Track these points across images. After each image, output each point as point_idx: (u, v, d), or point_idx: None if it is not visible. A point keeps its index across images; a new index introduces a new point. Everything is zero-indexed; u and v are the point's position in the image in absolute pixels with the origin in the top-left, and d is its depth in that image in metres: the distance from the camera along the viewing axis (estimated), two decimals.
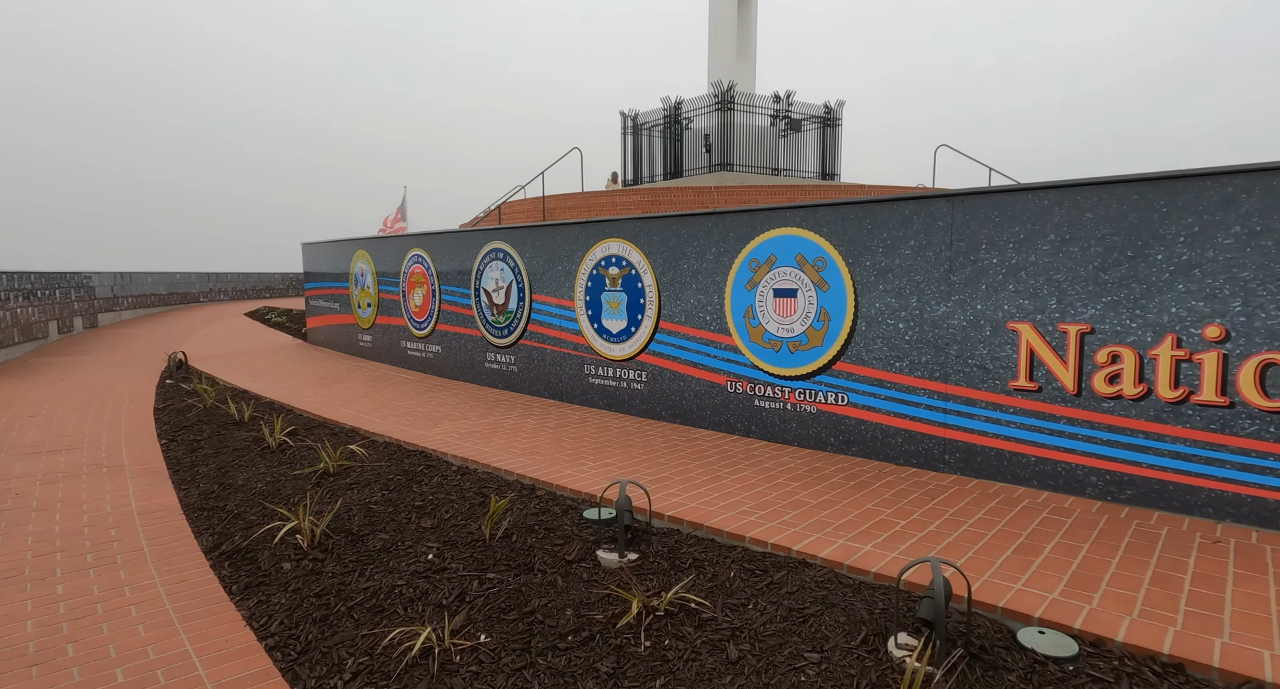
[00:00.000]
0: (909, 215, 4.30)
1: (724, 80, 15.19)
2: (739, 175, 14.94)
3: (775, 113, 15.62)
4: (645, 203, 13.49)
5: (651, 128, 16.59)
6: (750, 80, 16.92)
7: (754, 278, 5.12)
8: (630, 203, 13.74)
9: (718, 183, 14.20)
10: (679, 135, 16.02)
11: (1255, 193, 3.25)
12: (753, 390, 5.23)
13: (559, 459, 4.62)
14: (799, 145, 16.25)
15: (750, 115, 15.27)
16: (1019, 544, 3.11)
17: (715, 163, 15.15)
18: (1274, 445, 3.28)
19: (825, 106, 16.23)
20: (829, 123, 16.28)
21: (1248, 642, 2.28)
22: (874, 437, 4.59)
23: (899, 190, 13.55)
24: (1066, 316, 3.77)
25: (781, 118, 15.68)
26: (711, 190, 13.08)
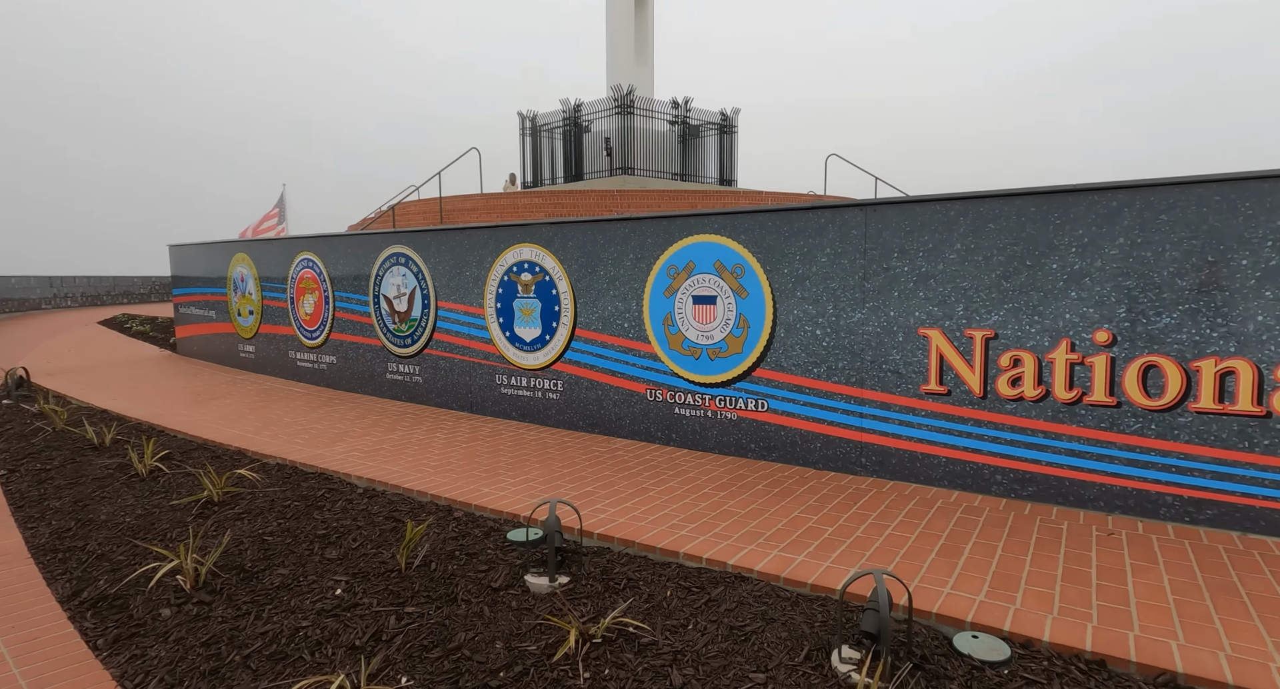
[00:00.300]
0: (825, 224, 4.38)
1: (623, 84, 15.23)
2: (640, 179, 15.01)
3: (674, 118, 15.83)
4: (547, 205, 13.30)
5: (552, 129, 16.41)
6: (649, 85, 17.07)
7: (673, 285, 5.08)
8: (532, 205, 13.50)
9: (619, 186, 14.20)
10: (579, 138, 15.92)
11: (1135, 207, 3.51)
12: (673, 398, 5.18)
13: (476, 476, 4.38)
14: (698, 151, 16.54)
15: (650, 120, 15.41)
16: (940, 546, 3.20)
17: (616, 166, 15.17)
18: (1155, 441, 3.55)
19: (722, 114, 16.62)
20: (725, 130, 16.66)
21: (1156, 634, 2.41)
22: (794, 442, 4.64)
23: (795, 197, 14.04)
24: (973, 322, 3.95)
25: (680, 123, 15.90)
26: (614, 194, 13.06)
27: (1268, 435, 3.33)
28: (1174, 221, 3.43)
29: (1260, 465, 3.35)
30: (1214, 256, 3.36)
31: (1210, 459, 3.45)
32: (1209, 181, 3.35)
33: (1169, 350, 3.48)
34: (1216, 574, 2.92)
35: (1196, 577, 2.89)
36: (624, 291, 5.36)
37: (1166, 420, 3.52)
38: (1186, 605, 2.62)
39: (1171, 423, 3.51)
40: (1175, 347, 3.47)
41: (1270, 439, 3.32)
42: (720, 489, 4.09)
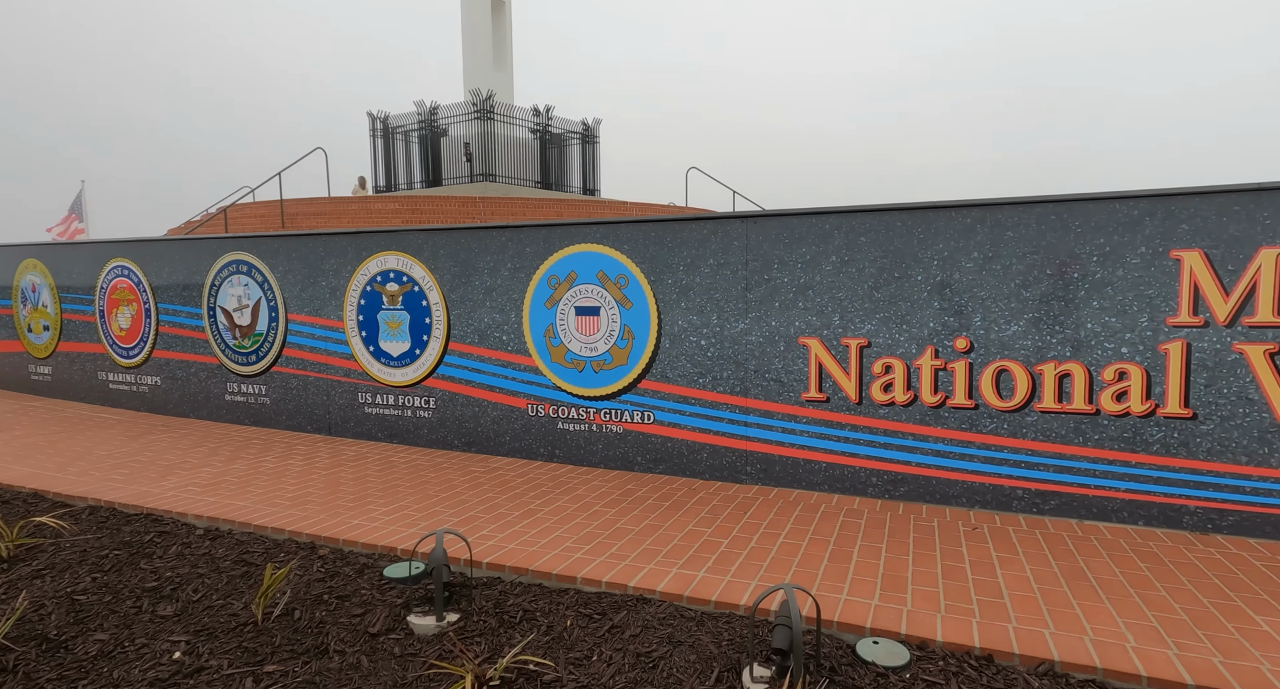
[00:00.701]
0: (707, 234, 4.41)
1: (482, 89, 14.84)
2: (503, 186, 14.68)
3: (536, 126, 15.64)
4: (404, 211, 12.64)
5: (407, 132, 15.65)
6: (509, 91, 16.78)
7: (554, 295, 4.91)
8: (387, 210, 12.77)
9: (481, 193, 13.80)
10: (436, 142, 15.30)
11: (987, 224, 3.82)
12: (556, 413, 5.00)
13: (342, 507, 3.96)
14: (560, 160, 16.44)
15: (511, 127, 15.13)
16: (831, 551, 3.28)
17: (477, 173, 14.74)
18: (1007, 439, 3.87)
19: (584, 124, 16.64)
20: (588, 139, 16.70)
21: (1030, 624, 2.58)
22: (680, 453, 4.63)
23: (658, 208, 14.31)
24: (848, 331, 4.12)
25: (542, 132, 15.74)
26: (476, 201, 12.67)
27: (1097, 430, 3.72)
28: (1018, 238, 3.76)
29: (1091, 458, 3.73)
30: (1051, 270, 3.72)
31: (1052, 454, 3.80)
32: (1046, 202, 3.70)
33: (1017, 356, 3.81)
34: (1066, 561, 3.19)
35: (1052, 564, 3.15)
36: (502, 302, 5.12)
37: (1016, 420, 3.85)
38: (1049, 593, 2.84)
39: (1020, 422, 3.84)
40: (1022, 352, 3.80)
41: (1099, 434, 3.71)
42: (611, 506, 3.97)
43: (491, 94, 14.77)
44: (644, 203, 14.59)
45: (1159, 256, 3.55)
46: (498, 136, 14.79)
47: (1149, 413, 3.62)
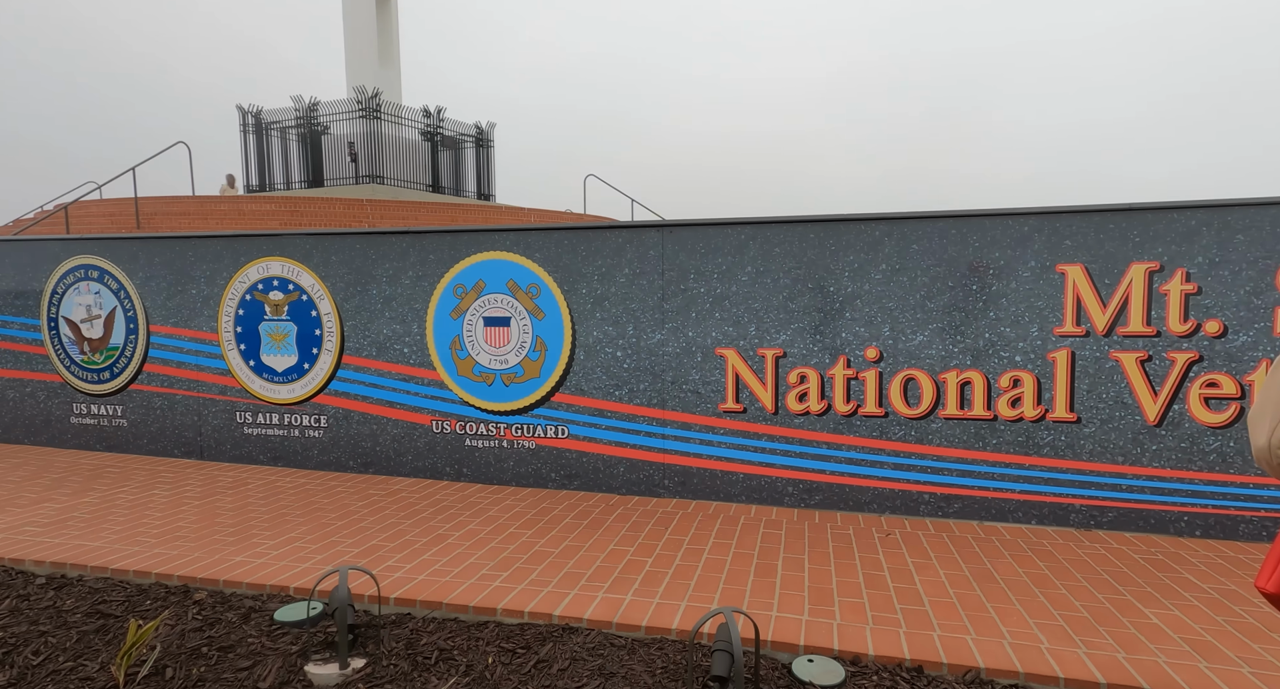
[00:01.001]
0: (623, 243, 4.32)
1: (368, 86, 14.14)
2: (393, 189, 14.04)
3: (427, 128, 15.07)
4: (283, 213, 11.81)
5: (284, 129, 14.65)
6: (396, 90, 16.09)
7: (461, 305, 4.65)
8: (263, 211, 11.89)
9: (369, 196, 13.12)
10: (316, 140, 14.42)
11: (894, 237, 3.94)
12: (463, 429, 4.73)
13: (221, 542, 3.54)
14: (453, 163, 15.90)
15: (399, 127, 14.50)
16: (756, 565, 3.24)
17: (364, 174, 14.01)
18: (915, 446, 4.00)
19: (477, 127, 16.20)
20: (481, 143, 16.27)
21: (952, 631, 2.63)
22: (596, 468, 4.48)
23: (555, 215, 14.12)
24: (764, 342, 4.13)
25: (433, 134, 15.18)
26: (363, 204, 12.02)
27: (995, 435, 3.91)
28: (923, 251, 3.91)
29: (990, 462, 3.92)
30: (953, 282, 3.89)
31: (955, 459, 3.97)
32: (948, 216, 3.87)
33: (923, 365, 3.95)
34: (975, 563, 3.31)
35: (962, 568, 3.25)
36: (403, 313, 4.80)
37: (922, 426, 3.98)
38: (965, 597, 2.92)
39: (926, 429, 3.98)
40: (928, 361, 3.94)
41: (997, 438, 3.91)
42: (527, 527, 3.77)
43: (378, 92, 14.08)
44: (542, 209, 14.35)
45: (1046, 270, 3.78)
46: (385, 137, 14.12)
47: (1040, 418, 3.85)
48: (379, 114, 13.90)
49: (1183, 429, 3.70)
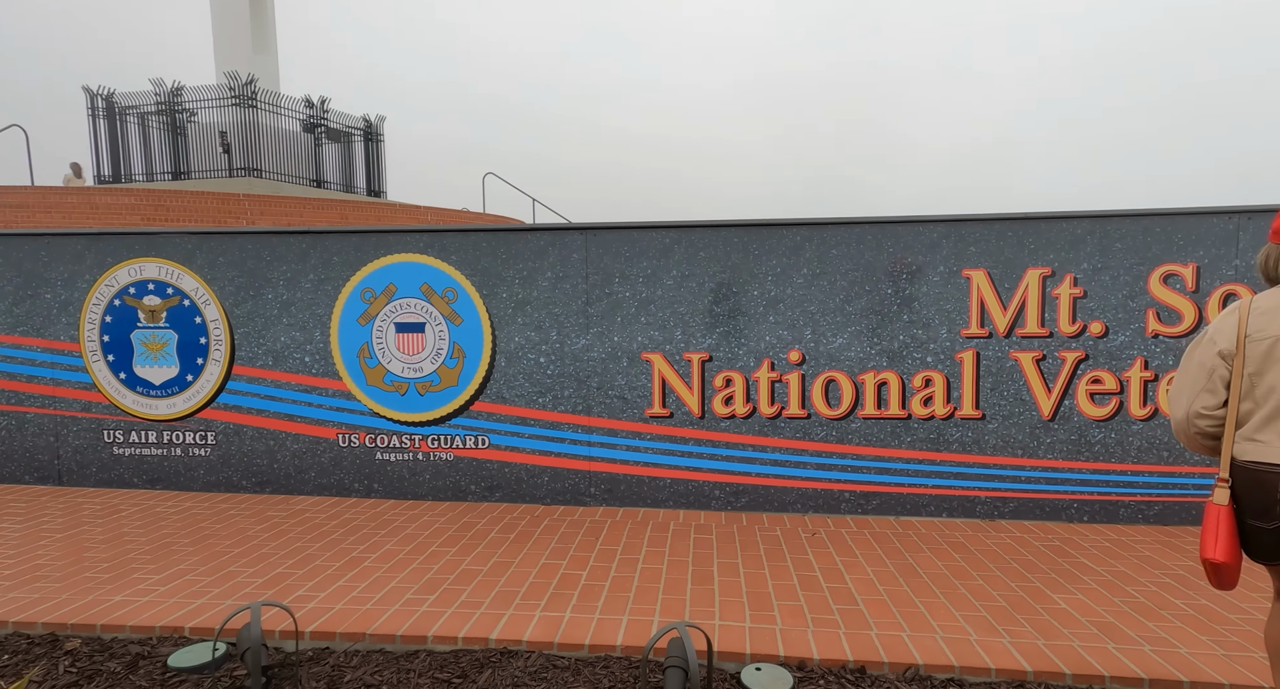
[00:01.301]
0: (545, 246, 4.19)
1: (241, 72, 13.16)
2: (272, 184, 13.14)
3: (309, 119, 14.18)
4: (145, 206, 10.82)
5: (143, 115, 13.39)
6: (274, 78, 15.04)
7: (370, 310, 4.36)
8: (121, 205, 10.83)
9: (246, 190, 12.22)
10: (182, 128, 13.28)
11: (814, 242, 4.04)
12: (374, 442, 4.44)
13: (92, 581, 3.12)
14: (339, 158, 15.05)
15: (278, 117, 13.59)
16: (693, 573, 3.21)
17: (239, 167, 13.03)
18: (835, 445, 4.11)
19: (365, 120, 15.43)
20: (370, 137, 15.51)
21: (888, 628, 2.70)
22: (519, 478, 4.33)
23: (454, 215, 13.69)
24: (690, 346, 4.12)
25: (317, 126, 14.31)
26: (239, 199, 11.19)
27: (909, 433, 4.08)
28: (842, 255, 4.02)
29: (905, 459, 4.09)
30: (870, 286, 4.03)
31: (873, 457, 4.11)
32: (865, 223, 4.00)
33: (843, 366, 4.06)
34: (898, 559, 3.43)
35: (887, 564, 3.36)
36: (303, 319, 4.45)
37: (843, 427, 4.10)
38: (895, 594, 3.01)
39: (846, 429, 4.10)
40: (847, 363, 4.06)
41: (911, 436, 4.08)
42: (450, 544, 3.57)
43: (254, 78, 13.10)
44: (440, 208, 13.83)
45: (954, 275, 3.98)
46: (263, 127, 13.16)
47: (949, 415, 4.04)
48: (254, 102, 12.94)
49: (1072, 423, 4.00)
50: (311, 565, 3.29)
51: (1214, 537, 1.86)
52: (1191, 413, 1.92)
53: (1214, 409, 1.88)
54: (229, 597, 2.93)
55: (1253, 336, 1.83)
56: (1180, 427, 1.97)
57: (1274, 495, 1.77)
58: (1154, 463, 3.98)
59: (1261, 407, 1.81)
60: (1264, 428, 1.80)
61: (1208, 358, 1.89)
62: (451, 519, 4.00)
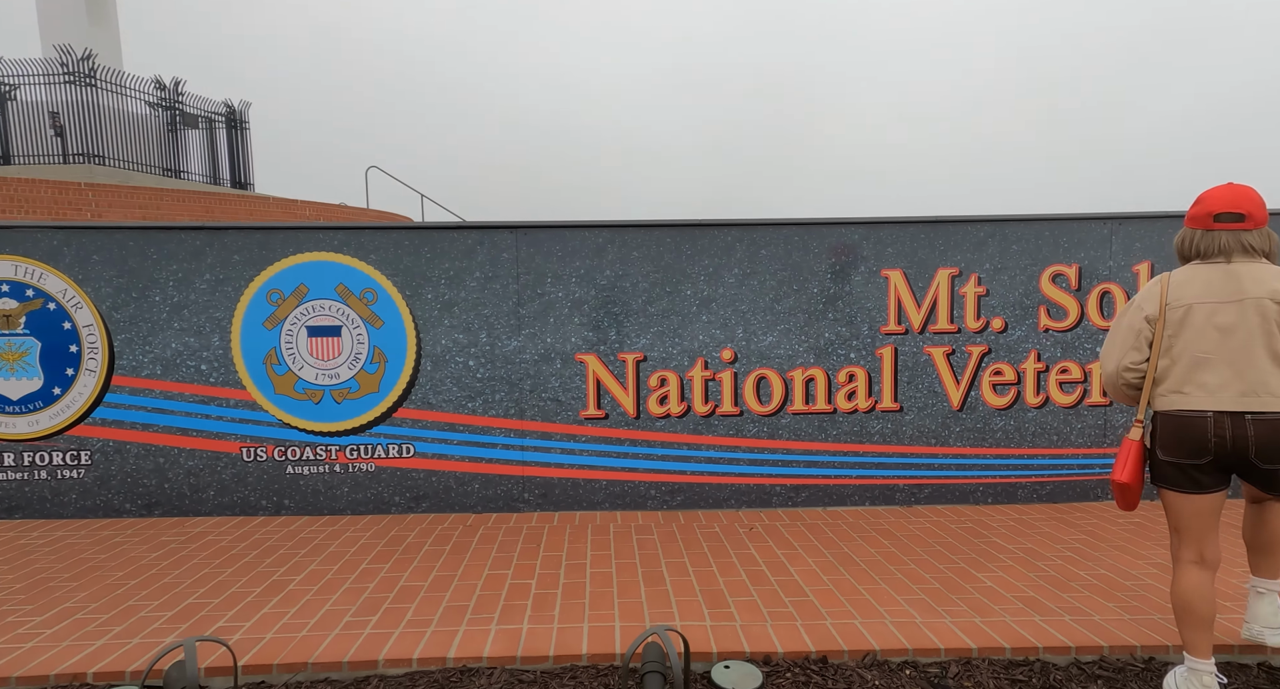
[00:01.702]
0: (473, 245, 4.03)
1: (74, 44, 11.78)
2: (119, 172, 11.88)
3: (160, 101, 12.90)
4: None
5: None
6: (114, 53, 13.46)
7: (277, 313, 4.03)
8: None
9: (86, 178, 10.97)
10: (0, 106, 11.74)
11: (745, 242, 4.12)
12: (284, 454, 4.11)
13: None
14: (200, 146, 13.76)
15: (123, 98, 12.27)
16: (643, 574, 3.19)
17: (76, 152, 11.64)
18: (767, 441, 4.22)
19: (228, 105, 14.18)
20: (235, 125, 14.30)
21: (840, 617, 2.79)
22: (448, 487, 4.14)
23: (335, 210, 12.95)
24: (625, 346, 4.10)
25: (170, 109, 13.03)
26: (80, 188, 10.03)
27: (835, 427, 4.25)
28: (771, 256, 4.13)
29: (831, 451, 4.26)
30: (797, 285, 4.16)
31: (802, 451, 4.25)
32: (792, 224, 4.13)
33: (773, 364, 4.17)
34: (834, 548, 3.56)
35: (825, 554, 3.48)
36: (199, 323, 4.05)
37: (774, 422, 4.21)
38: (839, 583, 3.12)
39: (777, 424, 4.21)
40: (777, 361, 4.17)
41: (836, 430, 4.25)
42: (381, 560, 3.36)
43: (91, 53, 11.73)
44: (318, 202, 12.94)
45: (874, 274, 4.18)
46: (104, 109, 11.80)
47: (871, 408, 4.25)
48: (92, 80, 11.57)
49: (978, 412, 4.31)
50: (227, 593, 2.99)
51: (1124, 464, 2.29)
52: (1121, 367, 2.28)
53: (1139, 364, 2.24)
54: (135, 634, 2.61)
55: (1172, 305, 2.18)
56: (1110, 379, 2.33)
57: (1205, 436, 2.12)
58: (1045, 446, 4.35)
59: (1177, 363, 2.18)
60: (1186, 382, 2.16)
61: (1136, 321, 2.25)
62: (378, 534, 3.77)
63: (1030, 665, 2.46)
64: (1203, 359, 2.13)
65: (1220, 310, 2.13)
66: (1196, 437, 2.13)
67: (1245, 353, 2.10)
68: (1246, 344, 2.10)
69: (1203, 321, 2.13)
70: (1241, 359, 2.10)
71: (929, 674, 2.40)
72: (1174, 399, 2.18)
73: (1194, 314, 2.14)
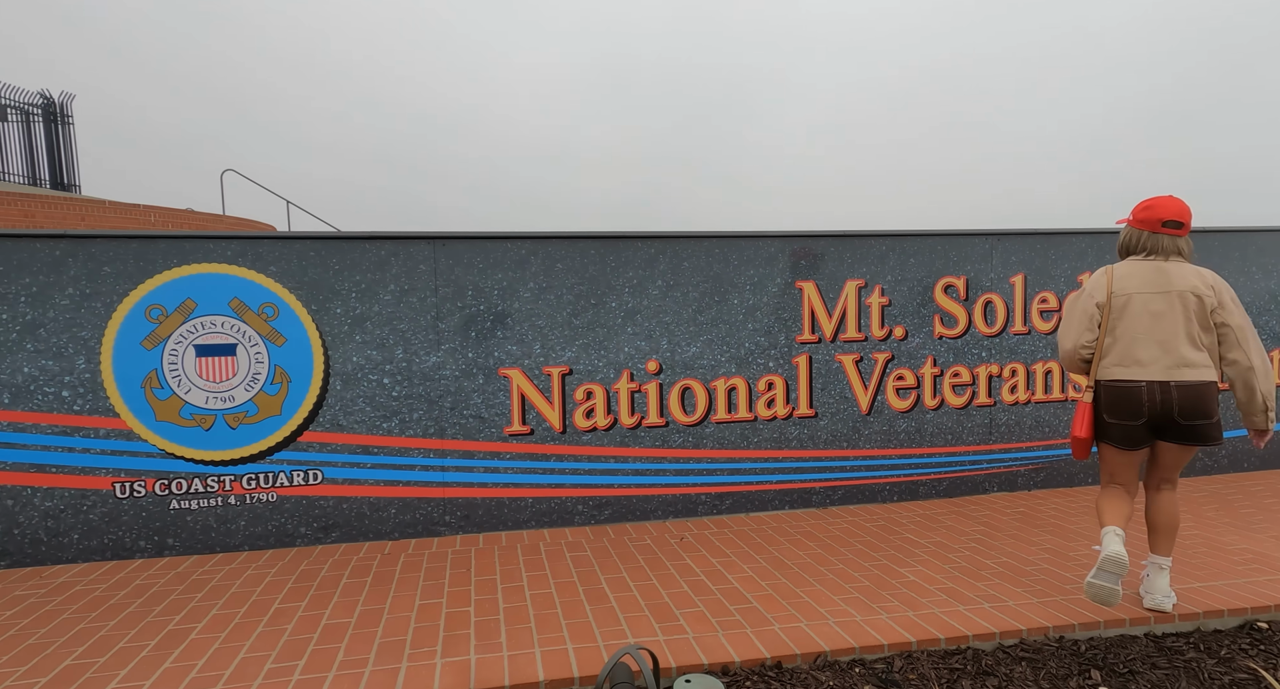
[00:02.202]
0: (387, 256, 3.80)
1: None
2: None
3: None
4: None
5: None
6: None
7: (159, 331, 3.62)
8: None
9: None
10: None
11: (668, 254, 4.16)
12: (167, 488, 3.68)
13: None
14: (18, 144, 12.15)
15: None
16: (584, 592, 3.11)
17: None
18: (692, 451, 4.26)
19: (44, 96, 12.57)
20: (54, 118, 12.71)
21: (787, 621, 2.85)
22: (360, 514, 3.86)
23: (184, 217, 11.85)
24: (550, 360, 4.01)
25: None
26: None
27: (756, 434, 4.36)
28: (693, 268, 4.19)
29: (753, 458, 4.36)
30: (718, 297, 4.24)
31: (725, 459, 4.32)
32: (713, 237, 4.21)
33: (697, 374, 4.22)
34: (765, 554, 3.64)
35: (758, 560, 3.55)
36: (58, 344, 3.56)
37: (698, 432, 4.26)
38: (778, 587, 3.18)
39: (701, 434, 4.27)
40: (701, 371, 4.23)
41: (758, 437, 4.36)
42: (295, 598, 3.07)
43: None
44: (163, 207, 11.69)
45: (789, 286, 4.34)
46: None
47: (789, 415, 4.40)
48: None
49: (883, 415, 4.56)
50: (114, 650, 2.62)
51: (1081, 422, 2.82)
52: (1078, 345, 2.80)
53: (1090, 343, 2.77)
54: None
55: (1116, 293, 2.73)
56: (1069, 355, 2.84)
57: (1141, 401, 2.67)
58: (942, 445, 4.68)
59: (1118, 343, 2.72)
60: (1125, 357, 2.70)
61: (1089, 307, 2.77)
62: (284, 569, 3.45)
63: (964, 654, 2.61)
64: (1140, 338, 2.68)
65: (1153, 300, 2.67)
66: (1134, 401, 2.68)
67: (1171, 335, 2.65)
68: (1172, 328, 2.66)
69: (1140, 308, 2.68)
70: (1168, 339, 2.65)
71: (876, 671, 2.49)
72: (1116, 371, 2.71)
73: (1134, 302, 2.69)
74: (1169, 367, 2.63)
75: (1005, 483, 4.79)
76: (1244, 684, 2.44)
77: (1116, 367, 2.72)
